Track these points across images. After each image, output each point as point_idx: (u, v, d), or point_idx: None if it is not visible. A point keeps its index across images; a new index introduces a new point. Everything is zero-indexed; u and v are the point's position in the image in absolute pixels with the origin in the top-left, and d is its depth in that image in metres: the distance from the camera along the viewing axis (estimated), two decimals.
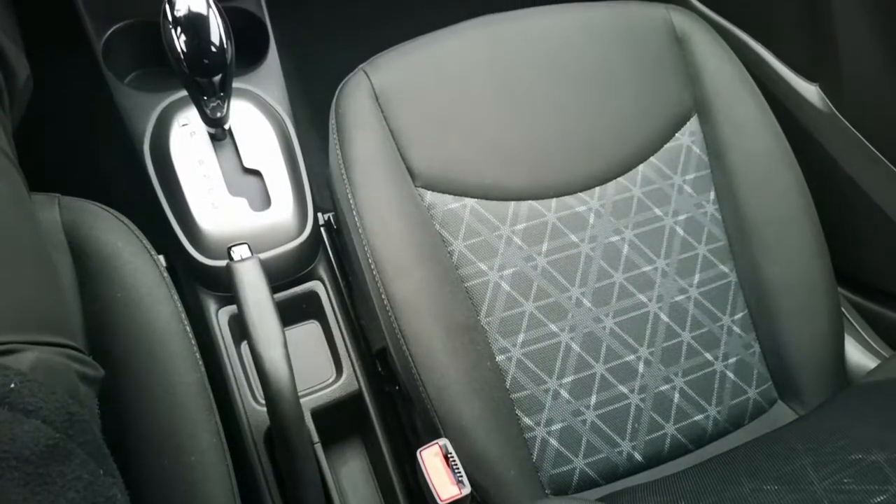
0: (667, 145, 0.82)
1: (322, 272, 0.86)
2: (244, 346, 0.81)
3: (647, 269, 0.77)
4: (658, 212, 0.79)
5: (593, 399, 0.72)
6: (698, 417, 0.75)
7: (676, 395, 0.74)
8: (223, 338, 0.79)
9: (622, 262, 0.77)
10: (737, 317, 0.78)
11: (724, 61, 0.84)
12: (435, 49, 0.80)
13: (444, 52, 0.80)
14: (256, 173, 0.83)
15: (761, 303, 0.78)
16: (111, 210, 0.61)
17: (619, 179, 0.80)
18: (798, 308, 0.77)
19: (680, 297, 0.77)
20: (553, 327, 0.73)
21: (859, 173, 0.83)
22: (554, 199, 0.77)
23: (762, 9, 0.92)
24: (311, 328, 0.85)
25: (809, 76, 0.87)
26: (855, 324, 0.84)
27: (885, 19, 0.75)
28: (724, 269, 0.79)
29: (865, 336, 0.83)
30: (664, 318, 0.76)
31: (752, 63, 0.89)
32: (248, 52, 0.94)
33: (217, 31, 0.66)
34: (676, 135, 0.82)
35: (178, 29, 0.65)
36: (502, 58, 0.80)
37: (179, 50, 0.66)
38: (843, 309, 0.83)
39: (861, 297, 0.89)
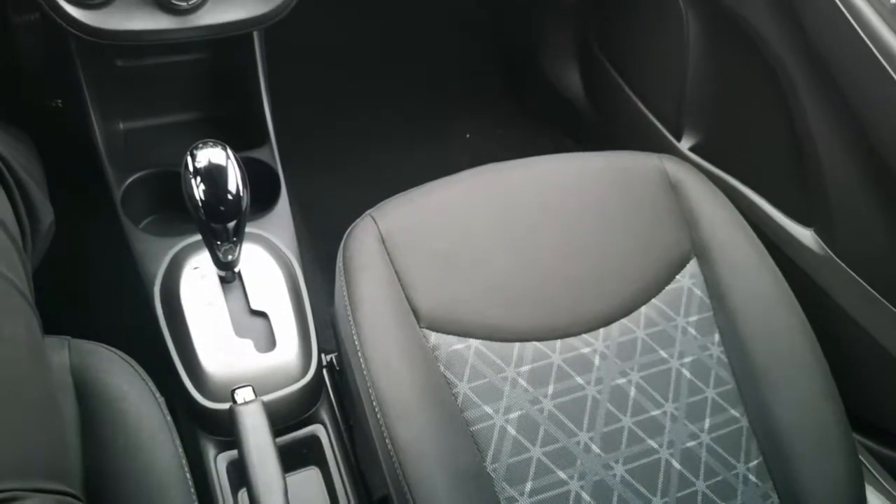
0: (668, 287, 0.83)
1: (324, 415, 0.85)
2: (242, 493, 0.78)
3: (655, 413, 0.76)
4: (663, 354, 0.79)
5: None
6: None
7: None
8: (220, 485, 0.76)
9: (630, 406, 0.75)
10: (752, 464, 0.76)
11: (719, 206, 0.87)
12: (439, 195, 0.83)
13: (448, 198, 0.83)
14: (263, 315, 0.84)
15: (775, 449, 0.76)
16: (118, 352, 0.61)
17: (623, 321, 0.80)
18: (813, 454, 0.75)
19: (691, 443, 0.75)
20: (562, 474, 0.71)
21: (862, 315, 0.83)
22: (558, 341, 0.78)
23: (752, 158, 0.96)
24: (311, 475, 0.82)
25: (803, 221, 0.90)
26: (874, 472, 0.81)
27: (872, 164, 0.78)
28: (735, 413, 0.78)
29: (886, 485, 0.80)
30: (676, 465, 0.74)
31: (745, 208, 0.92)
32: (260, 197, 0.97)
33: (234, 180, 0.70)
34: (677, 277, 0.84)
35: (199, 178, 0.69)
36: (504, 203, 0.83)
37: (198, 198, 0.69)
38: (860, 456, 0.80)
39: (878, 444, 0.87)
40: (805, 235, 0.88)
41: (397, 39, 1.54)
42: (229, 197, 0.69)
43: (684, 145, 1.09)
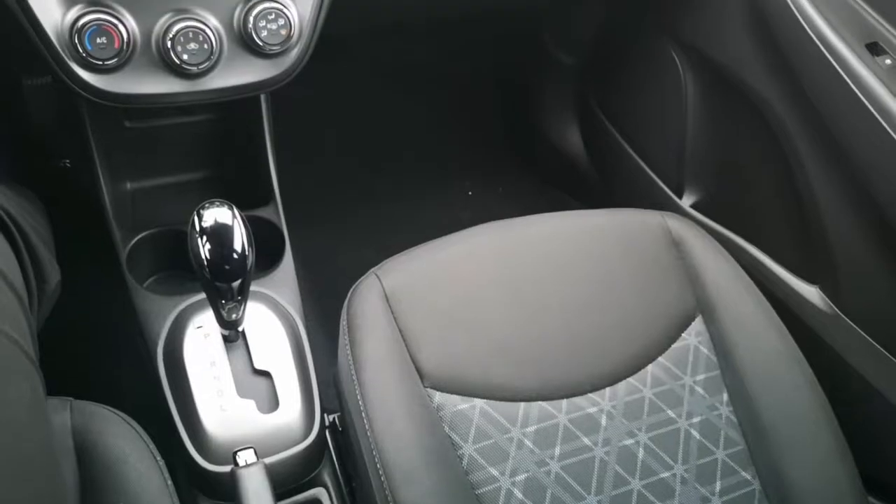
0: (674, 345, 0.82)
1: (326, 478, 0.83)
2: None
3: (665, 475, 0.74)
4: (671, 414, 0.78)
5: None
6: None
7: None
8: None
9: (638, 468, 0.74)
10: None
11: (722, 263, 0.87)
12: (443, 252, 0.83)
13: (451, 255, 0.83)
14: (266, 374, 0.83)
15: None
16: (120, 413, 0.61)
17: (629, 380, 0.79)
18: None
19: None
20: None
21: (870, 373, 0.82)
22: (564, 400, 0.77)
23: (755, 215, 0.97)
24: None
25: (808, 278, 0.89)
26: None
27: (875, 221, 0.79)
28: (746, 475, 0.76)
29: None
30: None
31: (749, 265, 0.92)
32: (265, 255, 0.98)
33: (240, 239, 0.70)
34: (683, 335, 0.83)
35: (204, 238, 0.69)
36: (508, 260, 0.83)
37: (204, 257, 0.69)
38: None
39: None
40: (810, 292, 0.88)
41: (400, 99, 1.57)
42: (235, 256, 0.70)
43: (686, 202, 1.10)
